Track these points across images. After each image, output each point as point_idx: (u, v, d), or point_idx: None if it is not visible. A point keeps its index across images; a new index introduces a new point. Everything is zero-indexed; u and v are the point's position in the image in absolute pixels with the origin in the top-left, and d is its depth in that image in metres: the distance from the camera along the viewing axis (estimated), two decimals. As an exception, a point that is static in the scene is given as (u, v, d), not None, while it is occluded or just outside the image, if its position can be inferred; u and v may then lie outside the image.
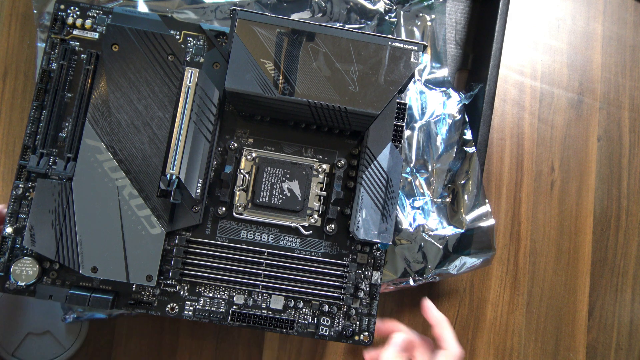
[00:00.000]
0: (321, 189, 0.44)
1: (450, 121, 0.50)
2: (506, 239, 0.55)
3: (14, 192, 0.42)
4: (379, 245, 0.44)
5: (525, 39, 0.59)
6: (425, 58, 0.53)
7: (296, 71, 0.41)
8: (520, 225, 0.56)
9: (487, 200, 0.49)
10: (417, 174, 0.51)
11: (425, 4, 0.52)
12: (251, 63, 0.41)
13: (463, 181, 0.49)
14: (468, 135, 0.50)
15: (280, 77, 0.41)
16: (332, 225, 0.44)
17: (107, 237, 0.41)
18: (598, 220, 0.57)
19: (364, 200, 0.42)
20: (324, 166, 0.44)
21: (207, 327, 0.51)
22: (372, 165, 0.42)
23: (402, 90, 0.43)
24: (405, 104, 0.44)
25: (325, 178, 0.44)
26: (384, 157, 0.42)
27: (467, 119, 0.50)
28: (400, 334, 0.43)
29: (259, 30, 0.42)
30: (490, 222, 0.49)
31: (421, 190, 0.50)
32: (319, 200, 0.44)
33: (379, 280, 0.44)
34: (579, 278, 0.56)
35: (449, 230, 0.48)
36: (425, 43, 0.42)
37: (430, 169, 0.50)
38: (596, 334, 0.55)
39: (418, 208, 0.50)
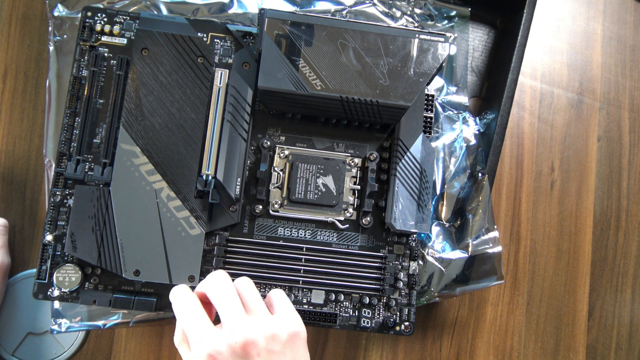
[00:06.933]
0: (355, 183, 0.44)
1: (464, 145, 0.50)
2: (506, 239, 0.55)
3: (52, 200, 0.42)
4: (415, 235, 0.45)
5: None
6: (440, 81, 0.52)
7: (327, 67, 0.42)
8: (520, 225, 0.55)
9: (495, 227, 0.49)
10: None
11: (447, 26, 0.52)
12: (282, 61, 0.42)
13: (472, 206, 0.49)
14: (481, 161, 0.50)
15: (312, 74, 0.42)
16: (368, 218, 0.44)
17: (147, 240, 0.41)
18: (598, 220, 0.57)
19: (399, 191, 0.42)
20: (356, 160, 0.45)
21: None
22: (406, 157, 0.43)
23: (429, 82, 0.44)
24: (432, 95, 0.45)
25: (358, 172, 0.45)
26: (416, 148, 0.43)
27: (481, 146, 0.50)
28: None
29: (287, 28, 0.42)
30: (498, 249, 0.49)
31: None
32: (353, 194, 0.44)
33: (416, 271, 0.44)
34: (579, 278, 0.55)
35: (455, 254, 0.48)
36: (450, 34, 0.43)
37: (439, 192, 0.49)
38: (596, 334, 0.55)
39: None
